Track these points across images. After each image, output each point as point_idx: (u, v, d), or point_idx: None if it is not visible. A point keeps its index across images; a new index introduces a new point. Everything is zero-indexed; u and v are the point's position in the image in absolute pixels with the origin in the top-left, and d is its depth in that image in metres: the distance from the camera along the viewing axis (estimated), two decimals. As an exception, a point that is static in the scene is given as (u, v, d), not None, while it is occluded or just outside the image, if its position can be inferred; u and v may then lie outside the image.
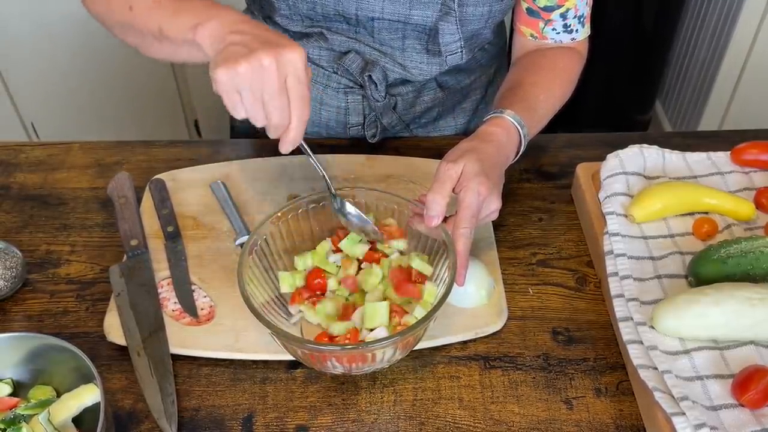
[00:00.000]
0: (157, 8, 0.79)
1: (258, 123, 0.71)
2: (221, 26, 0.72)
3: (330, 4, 0.94)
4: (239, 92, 0.69)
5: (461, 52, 0.98)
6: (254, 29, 0.71)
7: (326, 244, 0.85)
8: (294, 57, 0.69)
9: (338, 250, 0.85)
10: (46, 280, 0.90)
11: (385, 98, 1.05)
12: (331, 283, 0.82)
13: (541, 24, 1.00)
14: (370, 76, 1.02)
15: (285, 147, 0.73)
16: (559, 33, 1.01)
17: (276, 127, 0.71)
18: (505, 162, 0.89)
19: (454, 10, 0.93)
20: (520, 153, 0.91)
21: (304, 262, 0.83)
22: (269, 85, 0.68)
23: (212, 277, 0.88)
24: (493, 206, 0.83)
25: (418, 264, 0.81)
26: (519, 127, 0.89)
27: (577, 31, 1.01)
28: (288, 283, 0.82)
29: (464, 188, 0.80)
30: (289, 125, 0.71)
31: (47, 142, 1.12)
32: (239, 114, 0.71)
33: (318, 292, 0.82)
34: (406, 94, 1.08)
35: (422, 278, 0.81)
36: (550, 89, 0.98)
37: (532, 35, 1.02)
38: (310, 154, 0.78)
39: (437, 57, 1.01)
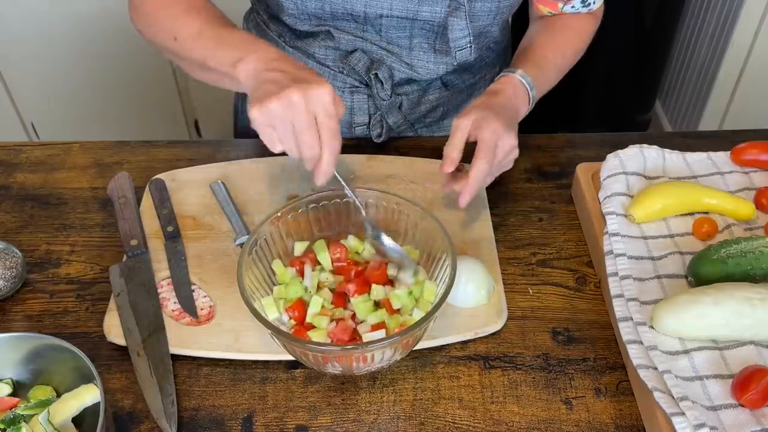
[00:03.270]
0: (200, 40, 0.84)
1: (294, 155, 0.75)
2: (258, 63, 0.77)
3: (338, 2, 0.94)
4: (274, 127, 0.74)
5: (470, 47, 0.99)
6: (288, 66, 0.76)
7: (289, 271, 0.83)
8: (322, 92, 0.73)
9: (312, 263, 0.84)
10: (46, 280, 0.90)
11: (390, 97, 1.05)
12: (312, 309, 0.79)
13: (560, 4, 1.03)
14: (376, 75, 1.02)
15: (318, 179, 0.76)
16: (576, 8, 1.04)
17: (308, 159, 0.75)
18: (516, 110, 0.93)
19: (464, 5, 0.93)
20: (532, 104, 0.97)
21: (280, 292, 0.82)
22: (298, 121, 0.73)
23: (212, 278, 0.88)
24: (508, 143, 0.87)
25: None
26: (523, 81, 0.95)
27: (594, 2, 1.04)
28: (272, 309, 0.79)
29: (478, 128, 0.86)
30: (320, 158, 0.75)
31: (47, 142, 1.12)
32: (276, 147, 0.75)
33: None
34: (411, 93, 1.08)
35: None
36: (559, 48, 1.02)
37: (549, 12, 1.05)
38: (345, 185, 0.81)
39: (444, 56, 1.01)
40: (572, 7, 1.03)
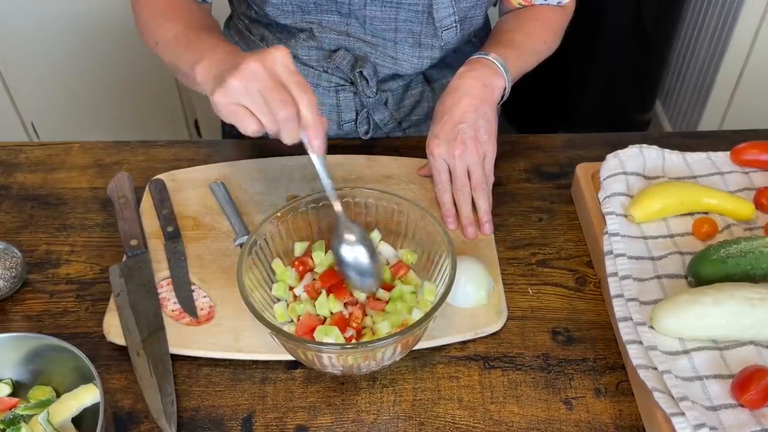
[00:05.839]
0: (173, 45, 0.88)
1: (271, 128, 0.70)
2: (212, 63, 0.76)
3: None
4: (241, 105, 0.69)
5: (456, 27, 0.99)
6: (237, 54, 0.75)
7: (291, 272, 0.84)
8: (277, 54, 0.70)
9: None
10: (46, 280, 0.90)
11: (376, 94, 1.06)
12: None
13: None
14: (361, 72, 1.03)
15: (312, 142, 0.72)
16: (547, 0, 1.05)
17: (285, 120, 0.69)
18: (490, 90, 0.94)
19: None
20: (509, 77, 0.97)
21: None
22: (264, 86, 0.68)
23: (212, 278, 0.88)
24: (479, 152, 0.92)
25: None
26: (487, 57, 0.96)
27: None
28: (281, 313, 0.80)
29: (452, 166, 0.93)
30: (300, 115, 0.70)
31: (47, 142, 1.12)
32: (249, 127, 0.70)
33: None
34: (396, 89, 1.09)
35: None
36: (526, 32, 1.03)
37: (519, 4, 1.05)
38: (322, 170, 0.75)
39: (429, 50, 1.02)
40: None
